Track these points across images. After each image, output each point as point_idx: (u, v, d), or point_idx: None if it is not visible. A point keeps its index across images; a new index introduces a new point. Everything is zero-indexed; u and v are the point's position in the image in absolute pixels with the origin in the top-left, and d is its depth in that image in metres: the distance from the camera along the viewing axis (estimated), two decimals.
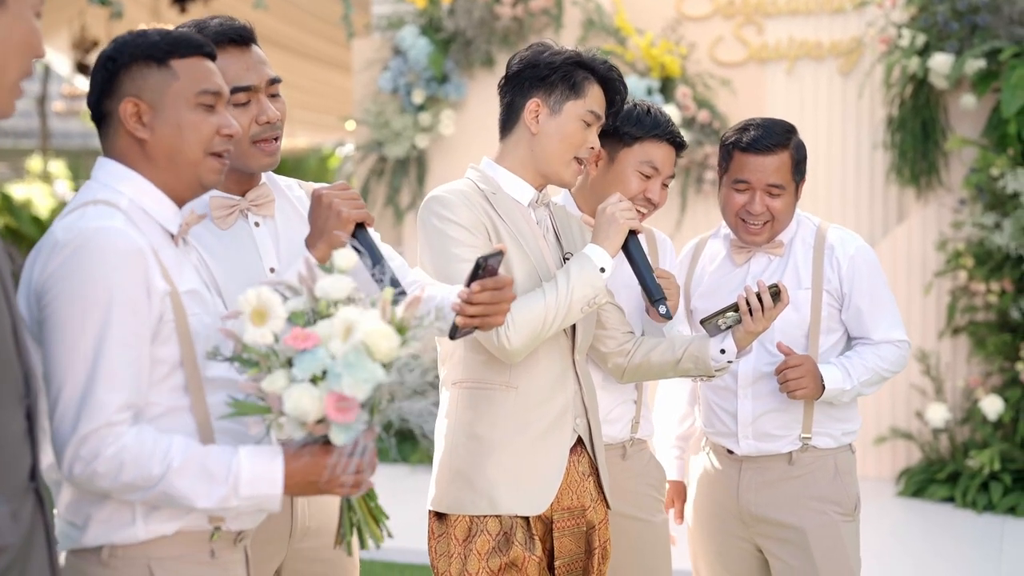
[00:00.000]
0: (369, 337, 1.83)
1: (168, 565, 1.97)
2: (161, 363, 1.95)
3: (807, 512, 2.99)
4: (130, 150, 2.02)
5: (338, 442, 1.86)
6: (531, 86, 2.63)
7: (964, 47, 6.49)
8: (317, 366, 1.83)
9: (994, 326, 6.50)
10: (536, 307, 2.49)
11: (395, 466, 7.37)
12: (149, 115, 2.00)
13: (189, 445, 1.91)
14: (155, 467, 1.86)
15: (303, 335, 1.84)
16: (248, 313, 1.88)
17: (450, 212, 2.55)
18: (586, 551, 2.67)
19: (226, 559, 2.05)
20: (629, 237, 2.61)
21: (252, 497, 1.91)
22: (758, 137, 2.97)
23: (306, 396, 1.82)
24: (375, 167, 7.93)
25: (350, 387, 1.80)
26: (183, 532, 1.98)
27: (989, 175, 6.40)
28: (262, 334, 1.87)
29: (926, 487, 6.48)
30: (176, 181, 2.04)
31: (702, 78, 7.34)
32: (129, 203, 1.99)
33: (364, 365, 1.81)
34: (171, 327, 1.95)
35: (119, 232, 1.90)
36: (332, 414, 1.82)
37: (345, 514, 2.02)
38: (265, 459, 1.92)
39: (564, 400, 2.62)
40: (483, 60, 7.68)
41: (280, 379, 1.84)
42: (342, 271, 1.95)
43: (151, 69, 2.01)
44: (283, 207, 2.57)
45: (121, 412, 1.86)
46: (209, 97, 2.04)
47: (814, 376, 2.92)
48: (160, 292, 1.94)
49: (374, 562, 5.41)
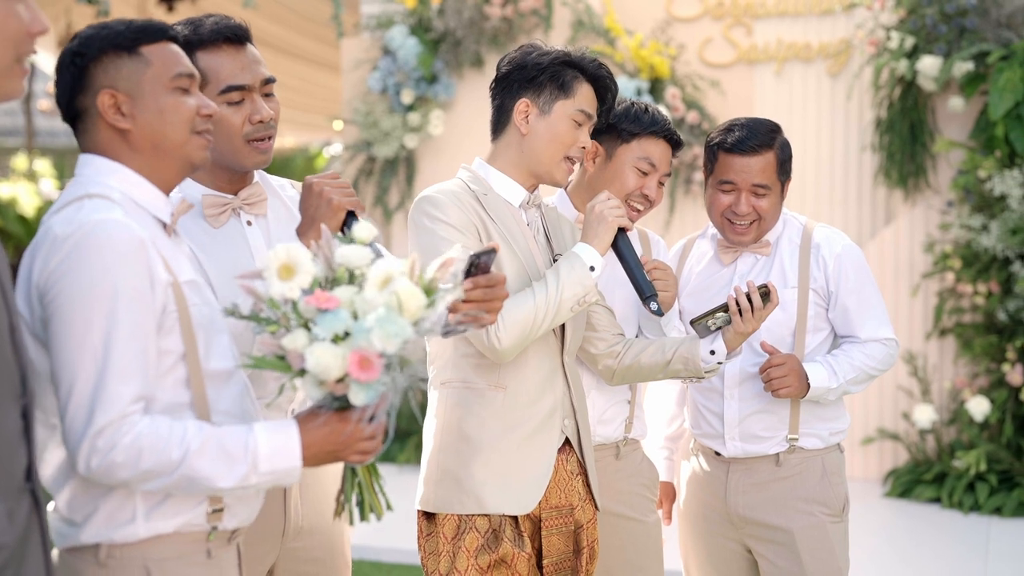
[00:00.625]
0: (403, 291, 1.86)
1: (165, 565, 1.96)
2: (165, 355, 1.94)
3: (795, 514, 2.99)
4: (112, 142, 2.01)
5: (358, 402, 1.86)
6: (520, 87, 2.63)
7: (952, 50, 6.52)
8: (339, 326, 1.84)
9: (981, 328, 6.52)
10: (526, 306, 2.49)
11: (381, 465, 7.37)
12: (128, 104, 1.99)
13: (203, 427, 1.91)
14: (174, 451, 1.86)
15: (325, 297, 1.86)
16: (275, 268, 1.89)
17: (441, 212, 2.55)
18: (574, 550, 2.68)
19: (221, 558, 2.05)
20: (619, 235, 2.61)
21: (272, 472, 1.91)
22: (742, 138, 2.97)
23: (329, 353, 1.83)
24: (364, 167, 7.92)
25: (381, 340, 1.82)
26: (181, 532, 1.98)
27: (976, 177, 6.43)
28: (289, 288, 1.89)
29: (913, 488, 6.50)
30: (163, 166, 2.03)
31: (691, 79, 7.35)
32: (121, 196, 1.98)
33: (395, 320, 1.84)
34: (174, 318, 1.95)
35: (120, 224, 1.90)
36: (355, 371, 1.83)
37: (349, 482, 2.03)
38: (281, 432, 1.92)
39: (553, 401, 2.62)
40: (472, 60, 7.67)
41: (302, 337, 1.86)
42: (362, 242, 1.97)
43: (122, 59, 1.99)
44: (275, 206, 2.57)
45: (134, 403, 1.86)
46: (184, 80, 2.03)
47: (798, 374, 2.92)
48: (163, 283, 1.93)
49: (362, 561, 5.41)
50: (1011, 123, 6.23)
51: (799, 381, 2.92)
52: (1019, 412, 6.37)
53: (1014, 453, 6.34)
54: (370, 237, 1.98)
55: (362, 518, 2.05)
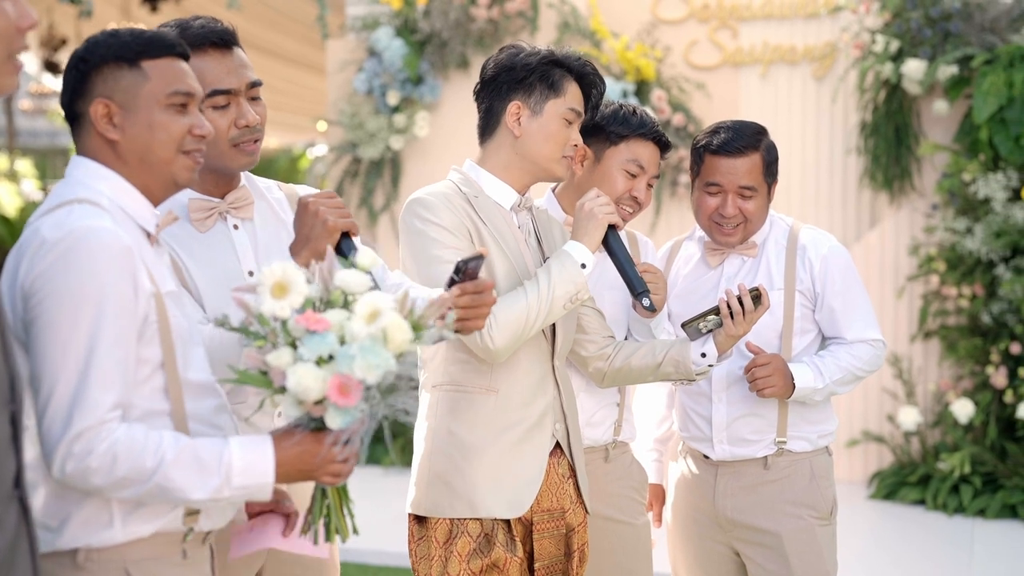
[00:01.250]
0: (390, 325, 1.87)
1: (144, 567, 1.97)
2: (144, 364, 1.95)
3: (783, 517, 2.99)
4: (102, 150, 2.02)
5: (334, 425, 1.88)
6: (509, 89, 2.62)
7: (937, 53, 6.54)
8: (324, 349, 1.86)
9: (965, 330, 6.55)
10: (518, 306, 2.49)
11: (368, 468, 7.35)
12: (120, 116, 2.00)
13: (179, 438, 1.92)
14: (148, 460, 1.86)
15: (315, 318, 1.87)
16: (269, 285, 1.90)
17: (432, 214, 2.54)
18: (565, 553, 2.67)
19: (196, 558, 2.06)
20: (609, 232, 2.60)
21: (244, 487, 1.93)
22: (728, 140, 2.97)
23: (311, 375, 1.85)
24: (349, 168, 7.90)
25: (362, 369, 1.84)
26: (158, 534, 1.98)
27: (961, 180, 6.46)
28: (281, 307, 1.90)
29: (897, 490, 6.52)
30: (149, 180, 2.04)
31: (677, 81, 7.36)
32: (109, 202, 1.98)
33: (379, 351, 1.85)
34: (154, 328, 1.95)
35: (110, 232, 1.90)
36: (334, 395, 1.84)
37: (318, 503, 2.04)
38: (256, 448, 1.93)
39: (544, 404, 2.62)
40: (458, 62, 7.66)
41: (286, 355, 1.87)
42: (364, 269, 1.98)
43: (122, 70, 2.00)
44: (262, 209, 2.56)
45: (113, 410, 1.87)
46: (180, 98, 2.03)
47: (783, 374, 2.92)
48: (146, 292, 1.94)
49: (349, 564, 5.39)
50: (995, 126, 6.26)
51: (784, 381, 2.92)
52: (1003, 415, 6.40)
53: (998, 455, 6.36)
54: (372, 265, 2.00)
55: (327, 539, 2.06)
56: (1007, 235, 6.27)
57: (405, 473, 7.06)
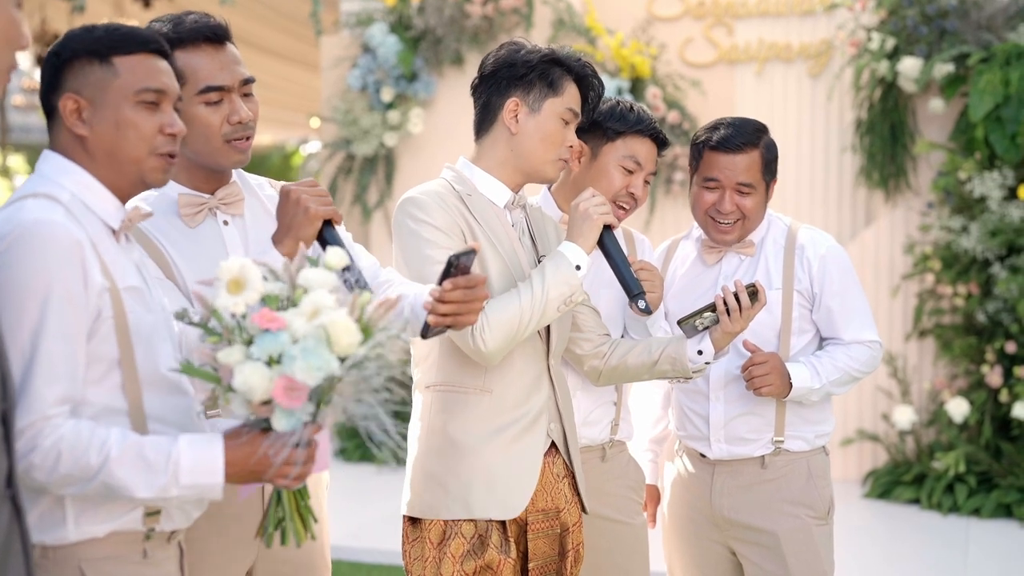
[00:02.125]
0: (332, 326, 1.82)
1: (99, 566, 1.95)
2: (99, 361, 1.92)
3: (780, 516, 2.98)
4: (72, 146, 2.00)
5: (279, 427, 1.85)
6: (508, 85, 2.60)
7: (933, 51, 6.53)
8: (276, 349, 1.82)
9: (960, 329, 6.54)
10: (512, 308, 2.47)
11: (360, 466, 7.34)
12: (88, 112, 1.98)
13: (127, 435, 1.89)
14: (93, 457, 1.84)
15: (270, 316, 1.84)
16: (225, 280, 1.87)
17: (425, 214, 2.52)
18: (559, 553, 2.65)
19: (159, 557, 2.03)
20: (604, 232, 2.58)
21: (193, 486, 1.90)
22: (728, 136, 2.96)
23: (257, 374, 1.81)
24: (343, 165, 7.88)
25: (302, 371, 1.80)
26: (115, 533, 1.96)
27: (957, 179, 6.45)
28: (235, 303, 1.86)
29: (892, 489, 6.52)
30: (118, 178, 2.01)
31: (672, 79, 7.34)
32: (71, 197, 1.96)
33: (320, 353, 1.81)
34: (109, 324, 1.93)
35: (57, 224, 1.88)
36: (279, 397, 1.81)
37: (272, 506, 2.01)
38: (206, 447, 1.90)
39: (539, 404, 2.60)
40: (453, 59, 7.65)
41: (236, 353, 1.84)
42: (331, 268, 1.94)
43: (92, 66, 1.98)
44: (252, 206, 2.54)
45: (58, 405, 1.84)
46: (150, 95, 2.00)
47: (780, 373, 2.91)
48: (97, 287, 1.91)
49: (341, 562, 5.37)
50: (991, 125, 6.24)
51: (781, 380, 2.91)
52: (998, 414, 6.39)
53: (993, 455, 6.36)
54: (340, 264, 1.95)
55: (283, 542, 2.03)
56: (1003, 234, 6.26)
57: (398, 472, 7.03)
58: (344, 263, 1.96)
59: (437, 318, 2.22)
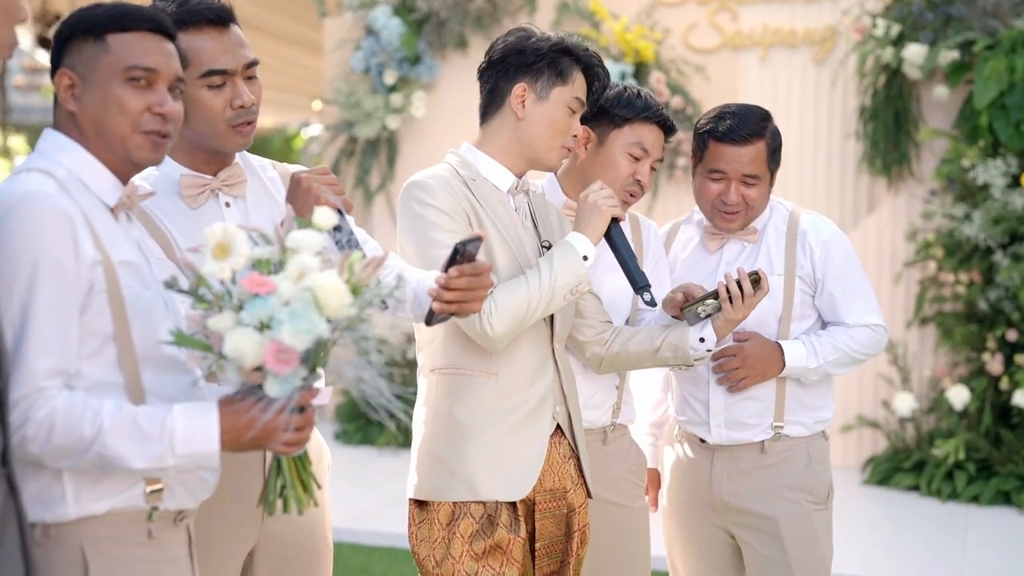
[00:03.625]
0: (320, 289, 1.81)
1: (101, 546, 1.93)
2: (93, 335, 1.91)
3: (779, 501, 2.98)
4: (66, 122, 2.01)
5: (272, 392, 1.83)
6: (517, 71, 2.61)
7: (938, 38, 6.51)
8: (265, 313, 1.80)
9: (962, 317, 6.54)
10: (519, 294, 2.48)
11: (361, 448, 7.35)
12: (80, 88, 1.98)
13: (121, 405, 1.88)
14: (86, 428, 1.83)
15: (260, 280, 1.82)
16: (211, 246, 1.86)
17: (430, 197, 2.52)
18: (565, 534, 2.66)
19: (165, 540, 2.02)
20: (611, 225, 2.59)
21: (189, 455, 1.88)
22: (734, 126, 2.93)
23: (247, 340, 1.80)
24: (345, 148, 7.88)
25: (290, 335, 1.78)
26: (116, 512, 1.95)
27: (960, 166, 6.44)
28: (220, 268, 1.85)
29: (891, 476, 6.53)
30: (107, 155, 2.01)
31: (676, 64, 7.33)
32: (66, 173, 1.97)
33: (308, 316, 1.79)
34: (103, 298, 1.92)
35: (46, 196, 1.88)
36: (270, 362, 1.79)
37: (273, 474, 2.00)
38: (201, 415, 1.89)
39: (544, 388, 2.60)
40: (456, 42, 7.63)
41: (227, 319, 1.82)
42: (319, 228, 1.92)
43: (87, 42, 1.98)
44: (255, 187, 2.54)
45: (50, 378, 1.84)
46: (139, 72, 1.99)
47: (756, 360, 2.91)
48: (89, 260, 1.90)
49: (342, 544, 5.38)
50: (995, 112, 6.24)
51: (758, 368, 2.91)
52: (998, 401, 6.40)
53: (993, 442, 6.37)
54: (329, 224, 1.93)
55: (285, 510, 2.01)
56: (1006, 222, 6.26)
57: (400, 454, 7.05)
58: (333, 223, 1.94)
59: (442, 305, 2.22)
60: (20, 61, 17.02)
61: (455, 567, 2.50)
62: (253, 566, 2.53)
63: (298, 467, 2.01)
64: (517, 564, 2.54)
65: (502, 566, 2.52)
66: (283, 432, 1.88)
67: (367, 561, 5.27)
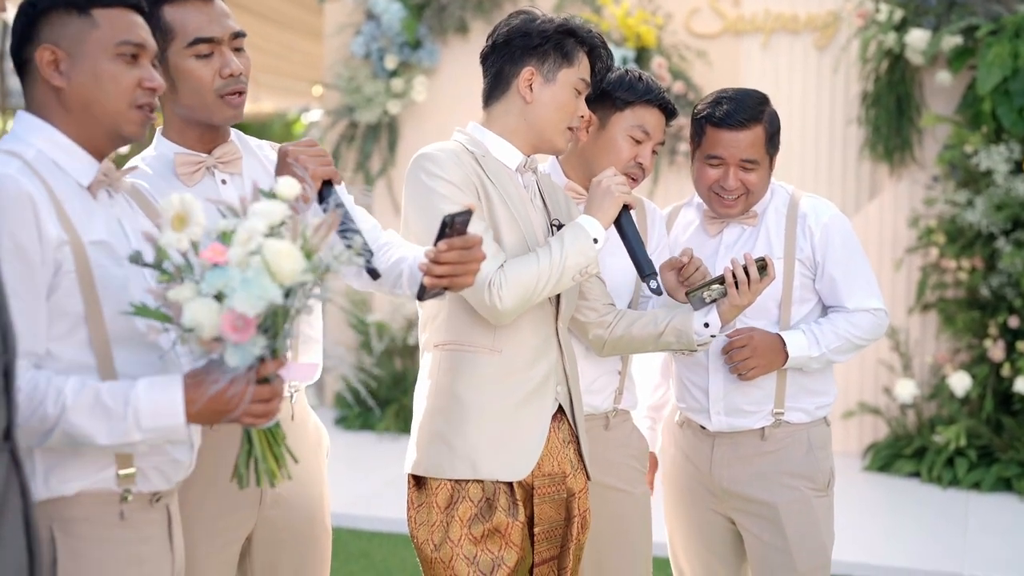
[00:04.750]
0: (272, 253, 1.79)
1: (70, 527, 1.93)
2: (63, 316, 1.90)
3: (779, 488, 2.97)
4: (46, 99, 1.99)
5: (232, 363, 1.82)
6: (523, 54, 2.61)
7: (941, 23, 6.48)
8: (223, 283, 1.79)
9: (963, 303, 6.53)
10: (530, 270, 2.48)
11: (360, 434, 7.35)
12: (66, 63, 1.96)
13: (85, 382, 1.87)
14: (49, 407, 1.83)
15: (220, 250, 1.81)
16: (169, 218, 1.84)
17: (440, 169, 2.52)
18: (565, 518, 2.66)
19: (139, 520, 2.01)
20: (622, 211, 2.60)
21: (154, 428, 1.87)
22: (731, 111, 2.92)
23: (204, 309, 1.78)
24: (346, 132, 7.86)
25: (242, 302, 1.77)
26: (87, 493, 1.94)
27: (963, 152, 6.42)
28: (178, 239, 1.84)
29: (892, 462, 6.53)
30: (93, 131, 2.00)
31: (677, 49, 7.30)
32: (37, 154, 1.95)
33: (261, 282, 1.78)
34: (72, 278, 1.91)
35: (6, 178, 1.87)
36: (226, 331, 1.78)
37: (244, 445, 1.97)
38: (164, 389, 1.88)
39: (547, 367, 2.60)
40: (457, 27, 7.60)
41: (187, 291, 1.81)
42: (283, 199, 1.89)
43: (71, 16, 1.96)
44: (252, 165, 2.53)
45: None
46: (130, 47, 1.99)
47: (764, 351, 2.90)
48: (54, 241, 1.89)
49: (340, 529, 5.37)
50: (998, 98, 6.21)
51: (767, 358, 2.90)
52: (1000, 388, 6.40)
53: (994, 429, 6.36)
54: (292, 194, 1.89)
55: (257, 483, 1.99)
56: (1008, 208, 6.24)
57: (399, 439, 7.05)
58: (295, 192, 1.90)
59: (432, 279, 2.20)
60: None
61: (454, 551, 2.49)
62: (251, 551, 2.53)
63: (269, 440, 1.98)
64: (516, 548, 2.53)
65: (500, 550, 2.52)
66: (243, 402, 1.85)
67: (367, 546, 5.27)
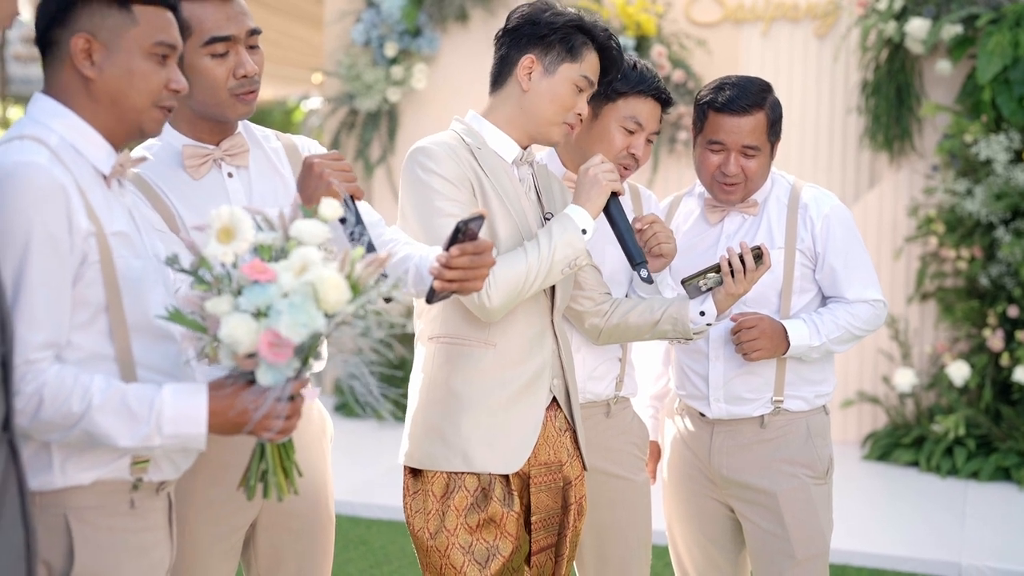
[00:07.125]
0: (321, 283, 1.80)
1: (85, 515, 1.94)
2: (85, 306, 1.91)
3: (778, 476, 2.98)
4: (71, 85, 1.98)
5: (263, 381, 1.83)
6: (528, 42, 2.59)
7: (941, 12, 6.48)
8: (264, 301, 1.80)
9: (963, 292, 6.53)
10: (518, 267, 2.47)
11: (361, 421, 7.35)
12: (101, 54, 1.96)
13: (111, 383, 1.88)
14: (75, 404, 1.83)
15: (261, 267, 1.81)
16: (216, 228, 1.85)
17: (435, 164, 2.51)
18: (562, 507, 2.66)
19: (146, 508, 2.03)
20: (611, 199, 2.58)
21: (176, 435, 1.89)
22: (733, 97, 2.92)
23: (243, 326, 1.79)
24: (346, 120, 7.85)
25: (287, 327, 1.78)
26: (101, 482, 1.95)
27: (962, 141, 6.42)
28: (224, 252, 1.84)
29: (891, 451, 6.54)
30: (115, 124, 2.00)
31: (677, 38, 7.29)
32: (59, 140, 1.95)
33: (307, 309, 1.79)
34: (96, 269, 1.91)
35: (40, 168, 1.86)
36: (264, 351, 1.78)
37: (256, 459, 1.99)
38: (189, 397, 1.89)
39: (542, 359, 2.59)
40: (457, 15, 7.58)
41: (224, 303, 1.81)
42: (324, 220, 1.91)
43: (112, 9, 1.96)
44: (258, 158, 2.53)
45: (41, 351, 1.83)
46: (164, 48, 2.00)
47: (770, 335, 2.90)
48: (83, 232, 1.89)
49: (340, 516, 5.39)
50: (998, 87, 6.21)
51: (772, 342, 2.90)
52: (999, 377, 6.40)
53: (993, 418, 6.37)
54: (334, 216, 1.92)
55: (265, 495, 2.01)
56: (1008, 197, 6.24)
57: (398, 427, 7.06)
58: (338, 215, 1.93)
59: (443, 284, 2.21)
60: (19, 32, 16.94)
61: (449, 540, 2.50)
62: (255, 537, 2.54)
63: (281, 454, 2.00)
64: (511, 537, 2.54)
65: (496, 539, 2.52)
66: (274, 420, 1.88)
67: (366, 533, 5.28)
